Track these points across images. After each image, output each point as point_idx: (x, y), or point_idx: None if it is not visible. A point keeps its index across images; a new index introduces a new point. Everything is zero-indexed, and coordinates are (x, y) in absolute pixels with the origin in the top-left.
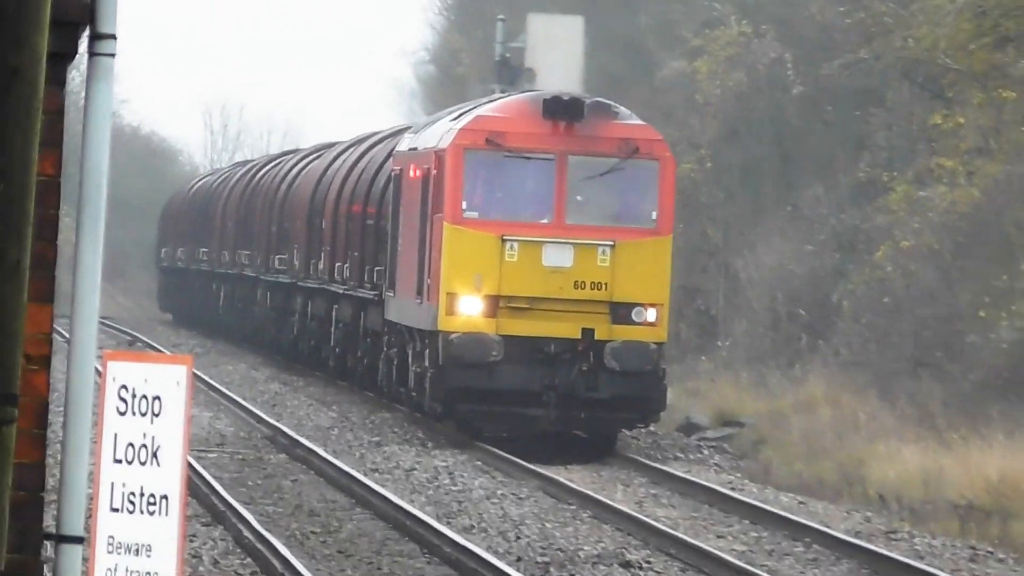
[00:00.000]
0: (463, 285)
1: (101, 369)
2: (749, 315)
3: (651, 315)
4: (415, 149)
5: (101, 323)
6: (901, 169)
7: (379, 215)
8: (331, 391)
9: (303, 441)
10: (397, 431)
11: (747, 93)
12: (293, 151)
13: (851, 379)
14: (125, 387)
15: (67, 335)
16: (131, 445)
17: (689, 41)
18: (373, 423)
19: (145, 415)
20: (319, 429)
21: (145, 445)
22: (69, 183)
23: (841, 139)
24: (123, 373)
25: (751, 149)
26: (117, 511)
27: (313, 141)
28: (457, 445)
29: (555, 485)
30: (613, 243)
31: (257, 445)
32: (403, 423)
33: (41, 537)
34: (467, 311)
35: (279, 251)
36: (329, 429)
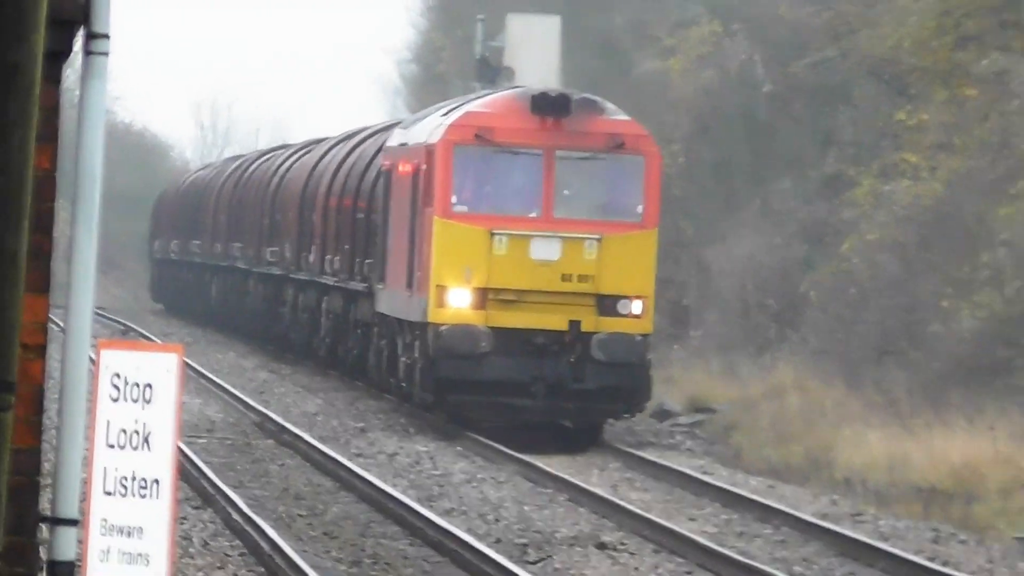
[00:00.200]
0: (453, 278)
1: (95, 357)
2: (720, 305)
3: (637, 307)
4: (405, 144)
5: (95, 313)
6: (867, 164)
7: (369, 209)
8: (317, 379)
9: (290, 427)
10: (380, 418)
11: (718, 91)
12: (284, 146)
13: (818, 367)
14: (118, 375)
15: (62, 324)
16: (124, 431)
17: (663, 40)
18: (357, 410)
19: (137, 402)
20: (305, 415)
21: (137, 431)
22: (65, 177)
23: (809, 135)
24: (116, 361)
25: (722, 145)
26: (110, 494)
27: (300, 137)
28: (438, 431)
29: (533, 469)
30: (600, 237)
31: (245, 431)
32: (386, 410)
33: (37, 520)
34: (456, 303)
35: (271, 244)
36: (315, 415)
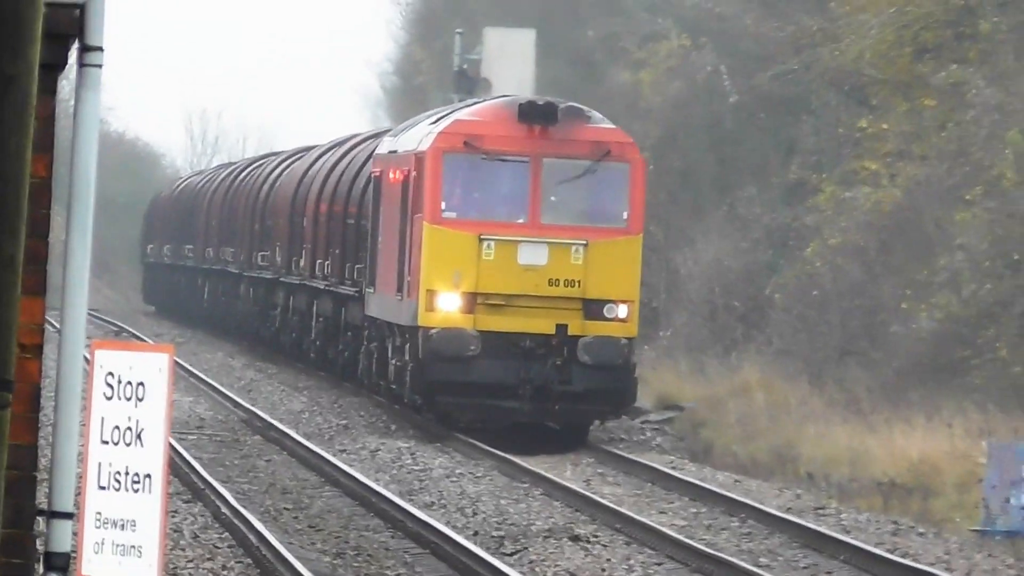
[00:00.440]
0: (442, 282)
1: (89, 357)
2: (688, 307)
3: (622, 311)
4: (395, 152)
5: (89, 314)
6: (829, 171)
7: (359, 215)
8: (303, 378)
9: (276, 424)
10: (363, 415)
11: (686, 101)
12: (275, 153)
13: (783, 366)
14: (111, 374)
15: (58, 326)
16: (117, 428)
17: (633, 53)
18: (341, 407)
19: (130, 400)
20: (291, 413)
21: (130, 428)
22: (60, 184)
23: (773, 143)
24: (110, 361)
25: (690, 153)
26: (104, 489)
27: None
28: (419, 428)
29: (509, 465)
30: (586, 242)
31: (234, 428)
32: (369, 408)
33: (34, 513)
34: (446, 307)
35: (262, 248)
36: (300, 413)
